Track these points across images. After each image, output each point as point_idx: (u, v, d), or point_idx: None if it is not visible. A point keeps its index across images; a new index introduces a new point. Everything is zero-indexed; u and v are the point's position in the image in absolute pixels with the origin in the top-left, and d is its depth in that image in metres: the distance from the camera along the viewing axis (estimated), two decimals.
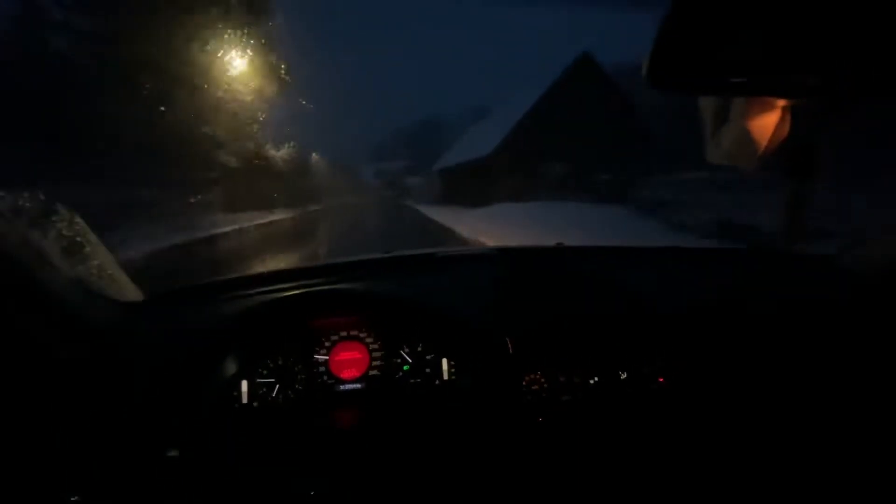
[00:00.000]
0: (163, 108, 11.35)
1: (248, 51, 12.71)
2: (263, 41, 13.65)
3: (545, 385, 1.23)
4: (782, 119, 0.68)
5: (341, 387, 1.30)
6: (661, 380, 1.25)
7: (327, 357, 1.31)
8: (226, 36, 11.91)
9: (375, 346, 1.34)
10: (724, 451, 1.20)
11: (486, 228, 12.23)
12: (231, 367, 1.24)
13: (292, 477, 1.12)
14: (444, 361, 1.33)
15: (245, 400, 1.24)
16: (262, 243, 13.17)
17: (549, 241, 1.84)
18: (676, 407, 1.24)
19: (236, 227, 14.91)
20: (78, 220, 1.14)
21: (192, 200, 14.20)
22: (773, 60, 0.54)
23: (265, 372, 1.27)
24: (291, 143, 24.38)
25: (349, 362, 1.32)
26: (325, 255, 10.44)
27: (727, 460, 1.19)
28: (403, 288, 1.39)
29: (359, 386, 1.31)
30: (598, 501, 1.17)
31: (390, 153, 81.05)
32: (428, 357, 1.34)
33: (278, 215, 21.79)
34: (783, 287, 1.48)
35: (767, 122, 0.69)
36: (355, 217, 23.69)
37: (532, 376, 1.23)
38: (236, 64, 12.55)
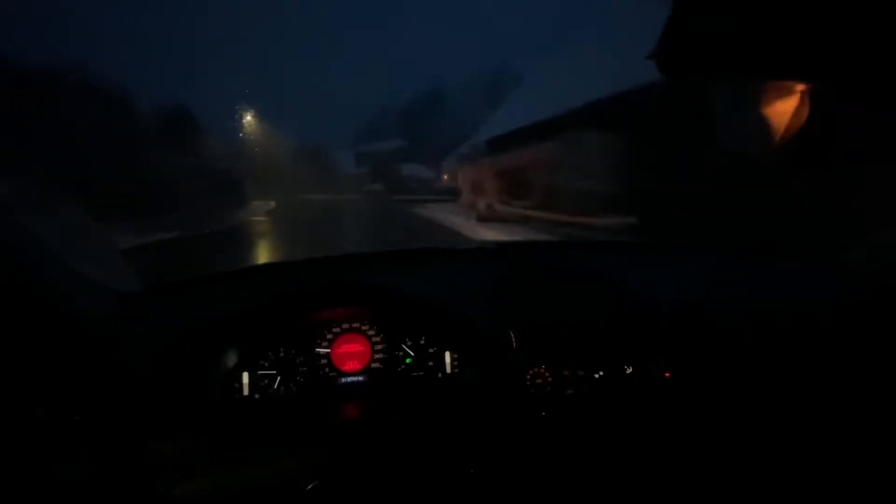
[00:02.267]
0: None
1: None
2: None
3: (549, 379, 1.22)
4: (800, 105, 0.65)
5: (343, 379, 1.30)
6: (667, 375, 1.24)
7: (329, 350, 1.30)
8: None
9: (378, 339, 1.33)
10: (729, 448, 1.19)
11: None
12: (232, 359, 1.22)
13: (293, 469, 1.10)
14: (447, 355, 1.32)
15: (246, 392, 1.23)
16: None
17: None
18: (682, 402, 1.23)
19: None
20: (79, 208, 1.13)
21: None
22: (789, 41, 0.52)
23: (266, 364, 1.26)
24: None
25: (351, 355, 1.31)
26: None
27: (732, 456, 1.18)
28: (406, 281, 1.38)
29: (361, 379, 1.30)
30: (602, 495, 1.16)
31: (376, 134, 54.27)
32: (431, 350, 1.33)
33: None
34: (787, 284, 1.48)
35: (785, 108, 0.66)
36: None
37: (536, 370, 1.22)
38: None
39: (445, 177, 31.35)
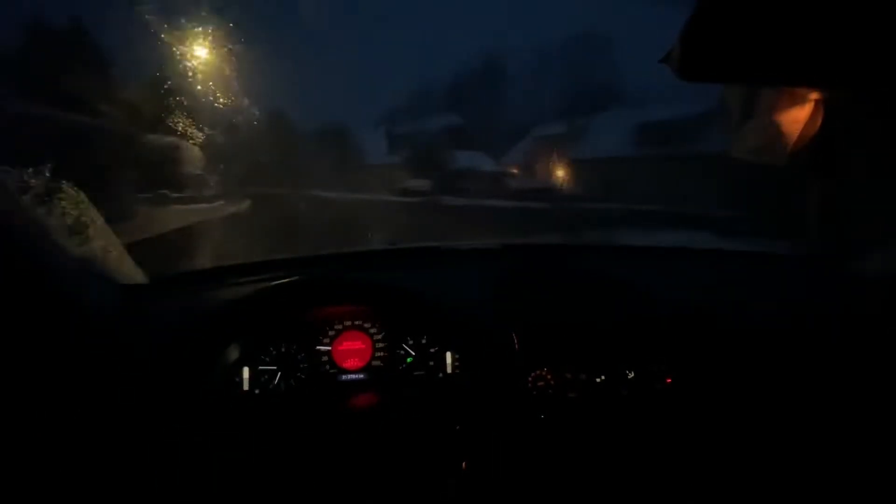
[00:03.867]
0: None
1: None
2: None
3: (551, 382, 1.22)
4: (814, 112, 0.66)
5: (343, 377, 1.30)
6: (669, 380, 1.24)
7: (330, 347, 1.30)
8: None
9: (379, 337, 1.33)
10: (730, 453, 1.18)
11: None
12: (233, 354, 1.23)
13: (290, 465, 1.11)
14: (449, 355, 1.31)
15: (246, 387, 1.23)
16: None
17: None
18: (683, 408, 1.23)
19: None
20: (83, 198, 1.13)
21: None
22: (806, 48, 0.52)
23: (267, 359, 1.26)
24: None
25: (352, 352, 1.31)
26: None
27: (733, 461, 1.18)
28: (409, 280, 1.37)
29: (361, 377, 1.30)
30: (601, 499, 1.16)
31: (419, 109, 36.03)
32: (432, 350, 1.32)
33: None
34: (790, 290, 1.48)
35: (798, 116, 0.66)
36: None
37: (538, 373, 1.22)
38: None
39: (515, 170, 22.26)
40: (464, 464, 1.12)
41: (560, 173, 18.15)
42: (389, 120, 33.61)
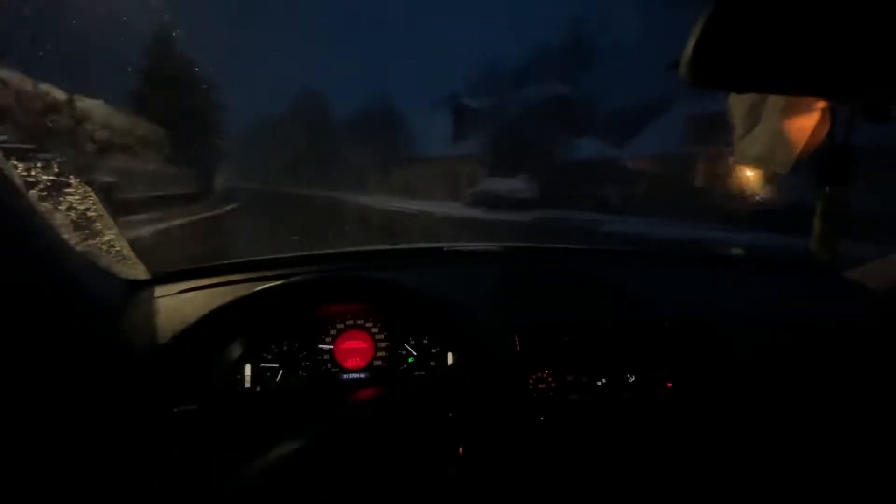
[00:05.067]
0: None
1: None
2: None
3: (552, 384, 1.23)
4: (821, 121, 0.65)
5: (345, 376, 1.30)
6: (670, 385, 1.24)
7: (332, 345, 1.30)
8: None
9: (381, 337, 1.33)
10: (729, 458, 1.19)
11: None
12: (235, 351, 1.23)
13: (290, 464, 1.07)
14: (450, 355, 1.32)
15: (248, 384, 1.24)
16: None
17: None
18: (684, 412, 1.23)
19: None
20: (90, 193, 1.14)
21: None
22: (815, 58, 0.53)
23: (269, 357, 1.26)
24: None
25: (354, 351, 1.31)
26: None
27: (732, 467, 1.19)
28: (411, 280, 1.36)
29: (363, 376, 1.30)
30: (601, 502, 1.17)
31: (497, 83, 24.79)
32: (433, 350, 1.32)
33: None
34: (793, 296, 1.49)
35: (805, 124, 0.66)
36: None
37: (539, 374, 1.23)
38: None
39: (648, 165, 15.39)
40: (461, 449, 1.11)
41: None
42: (457, 92, 22.97)
